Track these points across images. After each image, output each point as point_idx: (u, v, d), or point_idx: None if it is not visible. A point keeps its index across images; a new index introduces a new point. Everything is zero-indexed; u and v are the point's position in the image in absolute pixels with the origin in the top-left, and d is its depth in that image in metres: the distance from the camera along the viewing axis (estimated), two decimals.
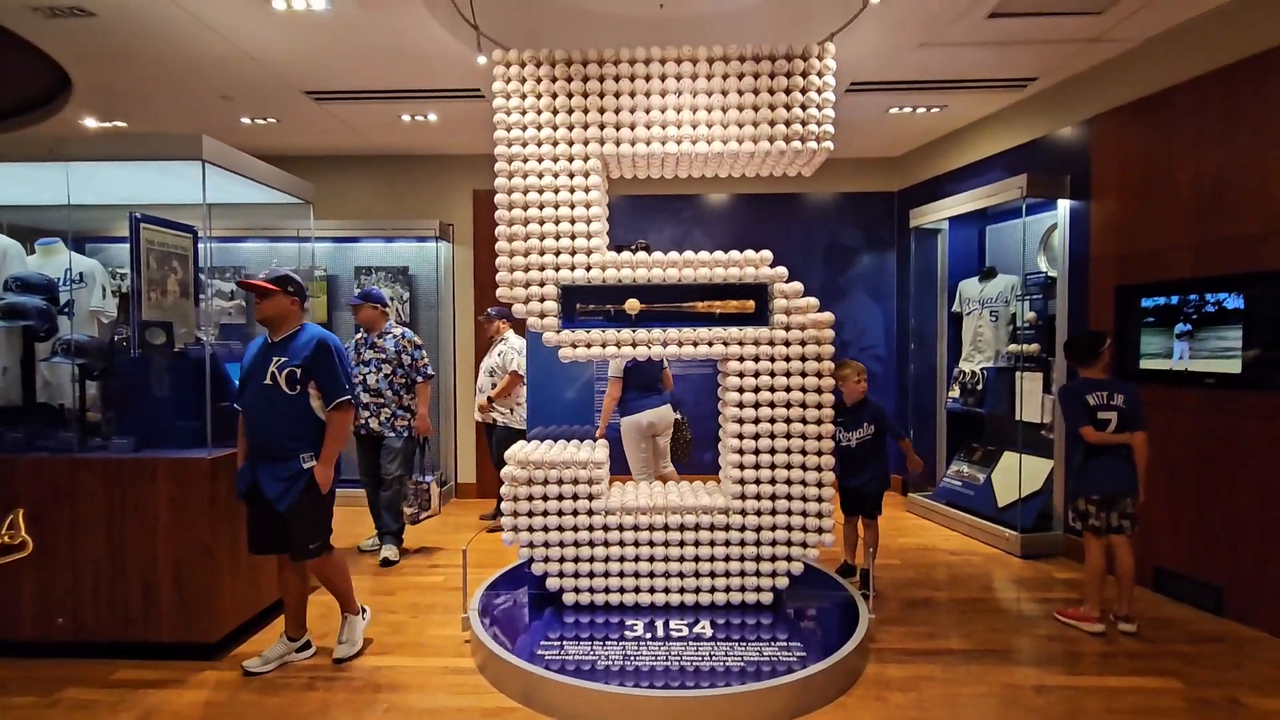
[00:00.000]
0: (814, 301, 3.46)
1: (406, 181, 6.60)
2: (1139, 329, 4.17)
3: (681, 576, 3.48)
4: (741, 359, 3.44)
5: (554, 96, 3.46)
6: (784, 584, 3.49)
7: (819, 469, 3.45)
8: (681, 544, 3.48)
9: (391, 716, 2.82)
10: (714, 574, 3.48)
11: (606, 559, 3.49)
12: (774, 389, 3.43)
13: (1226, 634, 3.54)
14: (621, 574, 3.49)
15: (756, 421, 3.45)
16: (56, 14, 3.66)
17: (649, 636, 3.20)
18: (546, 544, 3.49)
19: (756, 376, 3.44)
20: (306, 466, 3.07)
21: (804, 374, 3.43)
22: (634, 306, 3.45)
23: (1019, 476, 4.93)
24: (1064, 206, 4.75)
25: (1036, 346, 5.05)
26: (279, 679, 3.11)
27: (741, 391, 3.44)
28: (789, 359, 3.44)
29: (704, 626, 3.30)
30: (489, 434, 5.43)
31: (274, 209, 4.49)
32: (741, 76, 3.42)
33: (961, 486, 5.57)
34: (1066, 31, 4.03)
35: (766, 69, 3.41)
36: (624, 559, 3.48)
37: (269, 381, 3.05)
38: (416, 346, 4.75)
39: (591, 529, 3.47)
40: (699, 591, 3.49)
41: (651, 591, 3.49)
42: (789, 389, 3.43)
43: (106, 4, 3.58)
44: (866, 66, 4.53)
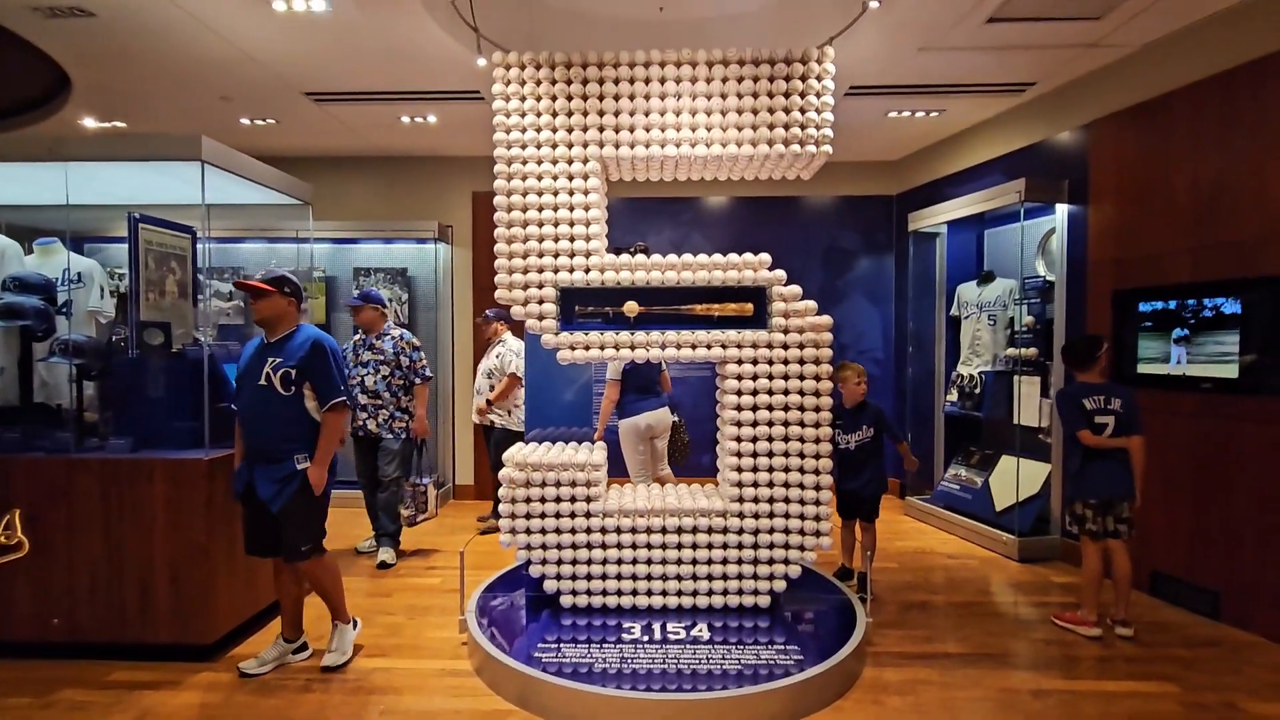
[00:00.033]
0: (812, 304, 3.46)
1: (406, 183, 6.60)
2: (1136, 333, 4.18)
3: (679, 579, 3.48)
4: (740, 362, 3.44)
5: (554, 99, 3.46)
6: (781, 587, 3.49)
7: (817, 472, 3.45)
8: (679, 547, 3.48)
9: (388, 719, 2.82)
10: (712, 577, 3.48)
11: (604, 561, 3.49)
12: (772, 392, 3.44)
13: (1223, 639, 3.54)
14: (619, 576, 3.49)
15: (755, 424, 3.45)
16: (56, 14, 3.66)
17: (646, 639, 3.20)
18: (544, 546, 3.49)
19: (755, 379, 3.44)
20: (300, 468, 3.06)
21: (802, 377, 3.44)
22: (633, 309, 3.45)
23: (1017, 480, 4.93)
24: (1062, 211, 4.77)
25: (1034, 350, 5.07)
26: (275, 681, 3.10)
27: (740, 394, 3.45)
28: (787, 362, 3.44)
29: (701, 629, 3.30)
30: (487, 436, 5.42)
31: (273, 210, 4.49)
32: (741, 80, 3.43)
33: (959, 490, 5.57)
34: (1064, 37, 4.04)
35: (766, 72, 3.42)
36: (622, 561, 3.48)
37: (264, 382, 3.05)
38: (415, 348, 4.75)
39: (589, 531, 3.48)
40: (696, 594, 3.49)
41: (649, 594, 3.49)
42: (787, 392, 3.44)
43: (106, 4, 3.58)
44: (865, 70, 4.54)
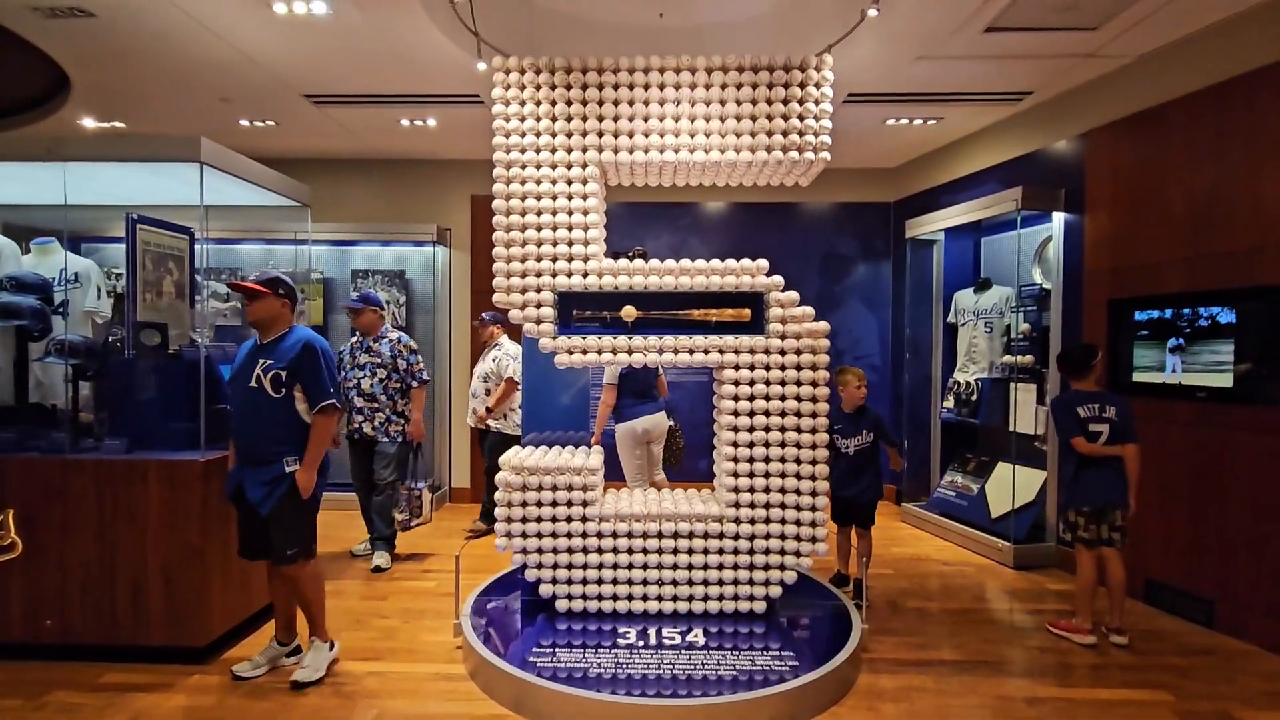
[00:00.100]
0: (809, 310, 3.47)
1: (404, 186, 6.60)
2: (1132, 342, 4.19)
3: (675, 584, 3.48)
4: (737, 367, 3.45)
5: (553, 104, 3.47)
6: (777, 593, 3.49)
7: (813, 478, 3.45)
8: (675, 551, 3.48)
9: None
10: (707, 582, 3.48)
11: (600, 566, 3.48)
12: (769, 397, 3.44)
13: (1217, 647, 3.55)
14: (615, 581, 3.49)
15: (751, 429, 3.45)
16: (56, 14, 3.66)
17: (641, 644, 3.19)
18: (540, 550, 3.48)
19: (751, 385, 3.45)
20: (289, 470, 3.05)
21: (799, 383, 3.44)
22: (630, 313, 3.45)
23: (1012, 487, 4.94)
24: (1058, 219, 4.79)
25: (1030, 358, 5.08)
26: (269, 684, 3.09)
27: (736, 399, 3.45)
28: (784, 368, 3.45)
29: (697, 635, 3.30)
30: (481, 439, 5.42)
31: (271, 211, 4.48)
32: (740, 86, 3.44)
33: (955, 497, 5.58)
34: (1062, 47, 4.07)
35: (765, 79, 3.43)
36: (617, 566, 3.48)
37: (254, 384, 3.04)
38: (412, 351, 4.74)
39: (585, 535, 3.47)
40: (692, 599, 3.48)
41: (645, 599, 3.49)
42: (784, 397, 3.44)
43: (106, 4, 3.59)
44: (864, 78, 4.56)
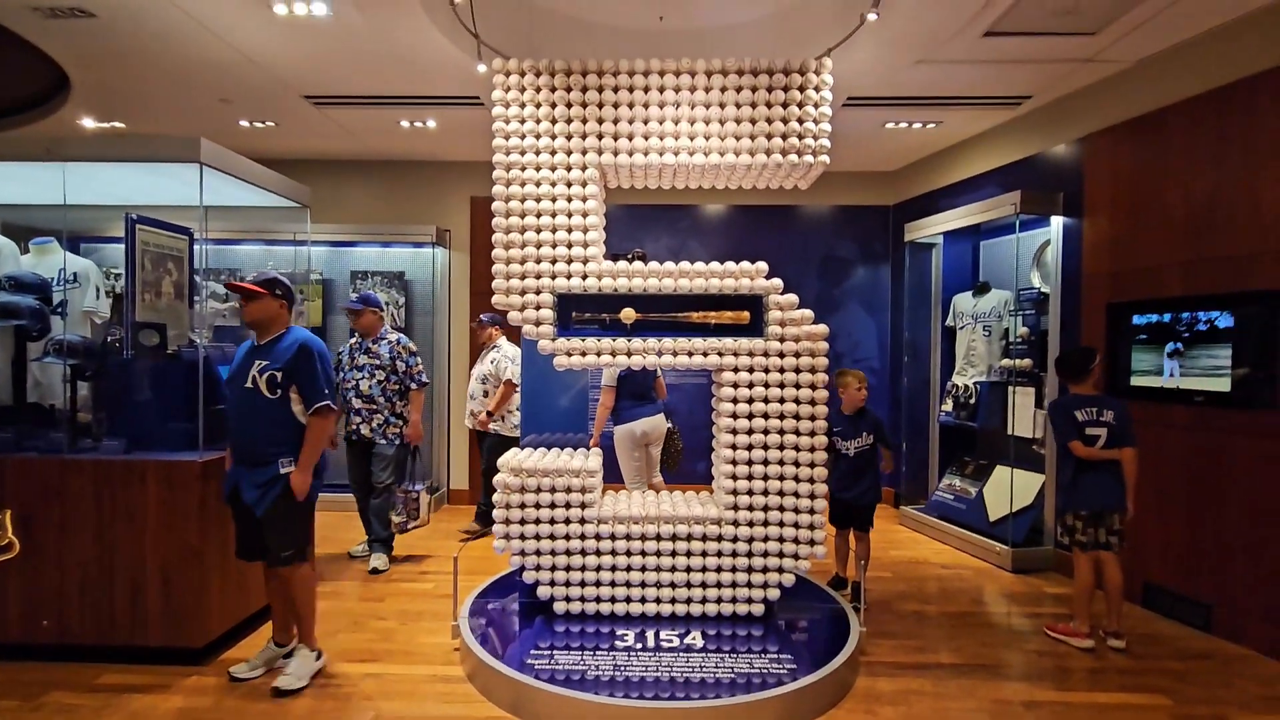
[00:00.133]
0: (809, 313, 3.47)
1: (404, 187, 6.60)
2: (1130, 346, 4.20)
3: (673, 587, 3.48)
4: (736, 370, 3.45)
5: (553, 106, 3.48)
6: (775, 595, 3.49)
7: (811, 480, 3.46)
8: (673, 554, 3.47)
9: None
10: (705, 584, 3.48)
11: (598, 568, 3.48)
12: (768, 400, 3.44)
13: (1215, 651, 3.55)
14: (613, 583, 3.48)
15: (750, 432, 3.46)
16: (56, 14, 3.66)
17: (640, 646, 3.19)
18: (538, 552, 3.48)
19: (750, 387, 3.45)
20: (285, 472, 3.04)
21: (798, 385, 3.45)
22: (629, 316, 3.46)
23: (1010, 491, 4.94)
24: (1057, 223, 4.80)
25: (1029, 362, 5.09)
26: (266, 685, 3.07)
27: (735, 402, 3.45)
28: (783, 370, 3.45)
29: (695, 637, 3.30)
30: (481, 441, 5.42)
31: (271, 212, 4.49)
32: (739, 89, 3.45)
33: (953, 500, 5.58)
34: (1060, 51, 4.08)
35: (764, 82, 3.44)
36: (615, 568, 3.48)
37: (250, 385, 3.04)
38: (412, 353, 4.73)
39: (584, 538, 3.47)
40: (690, 602, 3.48)
41: (643, 601, 3.48)
42: (783, 400, 3.44)
43: (106, 5, 3.59)
44: (863, 82, 4.57)
